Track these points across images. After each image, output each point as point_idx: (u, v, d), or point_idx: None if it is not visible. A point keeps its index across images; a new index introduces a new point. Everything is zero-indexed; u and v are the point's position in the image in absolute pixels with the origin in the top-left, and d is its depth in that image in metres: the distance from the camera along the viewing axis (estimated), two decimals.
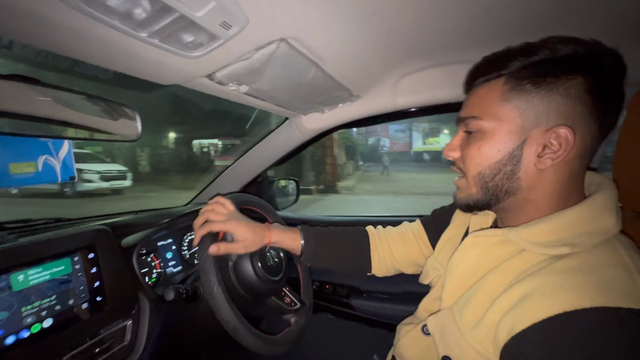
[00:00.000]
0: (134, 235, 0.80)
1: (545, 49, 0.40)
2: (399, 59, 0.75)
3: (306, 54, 0.59)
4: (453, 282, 0.50)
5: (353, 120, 0.98)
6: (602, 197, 0.41)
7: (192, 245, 0.94)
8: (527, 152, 0.42)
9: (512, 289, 0.39)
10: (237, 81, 0.65)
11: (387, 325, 0.97)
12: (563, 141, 0.39)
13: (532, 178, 0.42)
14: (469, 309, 0.44)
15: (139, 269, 0.75)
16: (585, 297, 0.32)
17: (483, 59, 0.47)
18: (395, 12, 0.53)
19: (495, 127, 0.43)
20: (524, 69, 0.41)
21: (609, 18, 0.57)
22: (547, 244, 0.39)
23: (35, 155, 0.88)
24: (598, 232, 0.39)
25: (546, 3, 0.53)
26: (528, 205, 0.44)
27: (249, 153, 1.18)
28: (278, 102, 0.84)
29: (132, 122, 0.74)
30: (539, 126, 0.41)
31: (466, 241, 0.49)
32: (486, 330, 0.40)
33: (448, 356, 0.45)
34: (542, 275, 0.37)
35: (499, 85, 0.43)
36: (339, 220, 1.17)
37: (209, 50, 0.49)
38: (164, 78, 0.62)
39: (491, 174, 0.44)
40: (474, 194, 0.46)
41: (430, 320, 0.51)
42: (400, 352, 0.59)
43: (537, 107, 0.40)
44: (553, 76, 0.39)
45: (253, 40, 0.51)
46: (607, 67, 0.40)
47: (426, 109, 0.93)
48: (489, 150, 0.43)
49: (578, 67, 0.39)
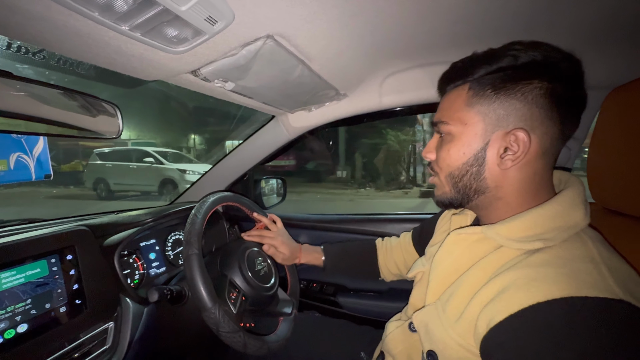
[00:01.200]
0: (115, 235, 0.77)
1: (506, 57, 0.43)
2: (384, 59, 0.76)
3: (293, 51, 0.59)
4: (437, 278, 0.51)
5: (340, 118, 0.99)
6: (571, 193, 0.44)
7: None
8: (490, 154, 0.44)
9: (490, 282, 0.40)
10: (222, 78, 0.64)
11: (374, 323, 0.98)
12: (521, 143, 0.42)
13: (497, 178, 0.45)
14: (452, 304, 0.45)
15: (121, 271, 0.72)
16: (556, 288, 0.34)
17: (451, 66, 0.50)
18: (379, 12, 0.54)
19: (461, 130, 0.46)
20: (486, 75, 0.44)
21: (580, 26, 0.59)
22: (522, 239, 0.41)
23: (7, 152, 0.84)
24: (568, 226, 0.41)
25: (521, 10, 0.55)
26: (499, 203, 0.47)
27: (235, 152, 1.16)
28: (265, 100, 0.83)
29: (113, 119, 0.71)
30: (500, 129, 0.43)
31: (449, 238, 0.51)
32: (467, 323, 0.41)
33: (433, 350, 0.46)
34: (517, 269, 0.39)
35: (464, 91, 0.46)
36: (327, 219, 1.18)
37: (193, 46, 0.48)
38: (147, 73, 0.60)
39: (460, 175, 0.47)
40: (447, 193, 0.50)
41: (415, 317, 0.52)
42: (388, 349, 0.59)
43: (497, 112, 0.43)
44: (511, 82, 0.42)
45: (239, 37, 0.51)
46: (564, 72, 0.42)
47: (411, 109, 0.94)
48: (456, 152, 0.47)
49: (535, 73, 0.42)
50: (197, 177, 1.22)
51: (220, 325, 0.58)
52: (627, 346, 0.30)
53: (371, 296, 1.08)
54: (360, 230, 1.11)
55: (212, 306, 0.58)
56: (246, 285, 0.70)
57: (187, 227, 0.65)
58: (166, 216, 0.93)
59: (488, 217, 0.49)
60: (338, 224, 1.15)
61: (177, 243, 0.95)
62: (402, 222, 1.07)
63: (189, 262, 0.60)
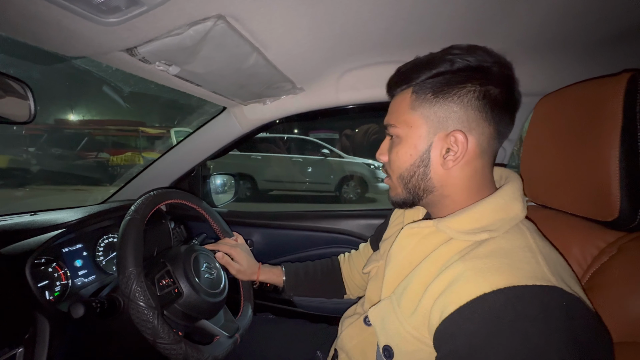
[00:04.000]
0: (27, 241, 0.64)
1: (444, 62, 0.46)
2: (342, 54, 0.75)
3: (247, 37, 0.55)
4: (391, 272, 0.52)
5: (296, 113, 0.96)
6: (511, 187, 0.47)
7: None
8: (434, 155, 0.47)
9: (441, 275, 0.42)
10: (165, 60, 0.57)
11: (330, 319, 0.98)
12: (460, 144, 0.45)
13: (441, 177, 0.48)
14: (406, 297, 0.46)
15: (35, 283, 0.61)
16: (500, 278, 0.37)
17: (396, 71, 0.52)
18: (339, 3, 0.52)
19: (407, 132, 0.48)
20: (427, 80, 0.47)
21: (516, 36, 0.65)
22: (470, 231, 0.44)
23: None
24: (510, 217, 0.44)
25: (468, 17, 0.59)
26: (446, 200, 0.49)
27: (181, 145, 1.06)
28: (215, 88, 0.77)
29: (23, 101, 0.59)
30: (441, 131, 0.46)
31: (402, 233, 0.52)
32: (421, 316, 0.43)
33: (389, 345, 0.47)
34: (465, 261, 0.41)
35: (408, 95, 0.49)
36: (282, 215, 1.14)
37: (128, 17, 0.41)
38: (69, 48, 0.51)
39: (409, 176, 0.49)
40: (399, 193, 0.52)
41: (371, 311, 0.52)
42: (343, 344, 0.59)
43: (438, 115, 0.46)
44: (448, 86, 0.45)
45: (185, 13, 0.45)
46: (496, 75, 0.46)
47: (367, 107, 0.95)
48: (403, 154, 0.49)
49: (469, 77, 0.45)
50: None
51: (145, 316, 0.52)
52: (562, 328, 0.34)
53: None
54: (316, 227, 1.10)
55: (134, 270, 0.53)
56: (185, 282, 0.63)
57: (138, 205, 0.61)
58: (95, 216, 0.81)
59: (437, 213, 0.52)
60: (293, 220, 1.12)
61: (111, 247, 0.84)
62: (359, 217, 1.08)
63: (125, 224, 0.57)
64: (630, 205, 0.43)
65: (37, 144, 7.52)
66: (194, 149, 1.06)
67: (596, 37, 0.65)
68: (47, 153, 7.50)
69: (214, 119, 1.01)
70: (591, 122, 0.47)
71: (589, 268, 0.47)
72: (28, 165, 7.06)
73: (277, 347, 0.80)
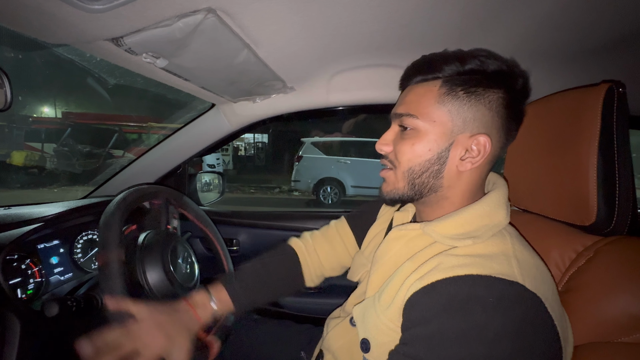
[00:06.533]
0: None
1: (476, 60, 0.45)
2: (334, 55, 0.75)
3: (238, 32, 0.54)
4: (377, 273, 0.52)
5: (286, 112, 0.96)
6: (497, 195, 0.48)
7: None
8: (452, 155, 0.45)
9: (418, 269, 0.43)
10: (153, 52, 0.56)
11: (314, 320, 0.97)
12: (482, 148, 0.44)
13: (452, 178, 0.47)
14: (386, 293, 0.46)
15: (5, 280, 0.58)
16: (464, 269, 0.39)
17: (421, 58, 0.49)
18: (332, 4, 0.52)
19: (429, 127, 0.45)
20: (458, 75, 0.45)
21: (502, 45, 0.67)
22: (454, 236, 0.44)
23: None
24: (493, 224, 0.45)
25: (459, 22, 0.60)
26: (445, 202, 0.49)
27: (168, 141, 1.04)
28: (204, 84, 0.76)
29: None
30: (465, 132, 0.45)
31: (390, 234, 0.52)
32: (396, 307, 0.43)
33: (366, 338, 0.47)
34: (441, 256, 0.42)
35: (435, 88, 0.46)
36: (270, 214, 1.13)
37: (115, 5, 0.40)
38: (50, 35, 0.48)
39: (420, 171, 0.47)
40: (400, 189, 0.49)
41: (355, 310, 0.52)
42: (329, 345, 0.59)
43: (465, 114, 0.44)
44: (482, 87, 0.44)
45: (175, 4, 0.44)
46: (520, 87, 0.46)
47: (357, 108, 0.96)
48: (421, 148, 0.46)
49: (502, 82, 0.45)
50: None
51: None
52: (508, 315, 0.35)
53: (311, 293, 1.07)
54: (303, 228, 1.09)
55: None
56: (160, 271, 0.63)
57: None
58: (72, 212, 0.78)
59: (428, 214, 0.51)
60: (280, 220, 1.12)
61: (90, 244, 0.81)
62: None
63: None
64: (606, 210, 0.44)
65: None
66: (180, 145, 1.04)
67: (576, 49, 0.68)
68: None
69: (202, 116, 0.99)
70: (571, 130, 0.49)
71: (567, 271, 0.48)
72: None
73: (262, 348, 0.79)
